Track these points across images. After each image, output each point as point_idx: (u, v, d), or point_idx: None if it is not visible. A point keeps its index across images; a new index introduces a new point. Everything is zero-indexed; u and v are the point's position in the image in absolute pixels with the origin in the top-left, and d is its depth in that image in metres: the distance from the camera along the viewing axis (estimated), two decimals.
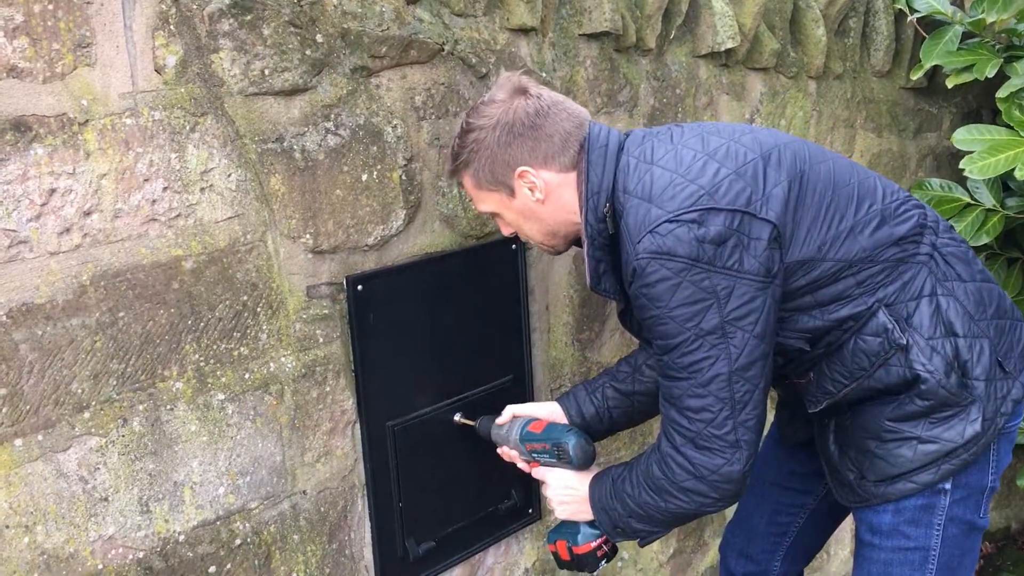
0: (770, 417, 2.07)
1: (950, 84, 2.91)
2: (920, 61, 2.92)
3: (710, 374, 1.53)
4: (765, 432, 2.20)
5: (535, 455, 1.89)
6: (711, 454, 1.57)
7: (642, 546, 1.82)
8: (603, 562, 1.86)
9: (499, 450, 1.98)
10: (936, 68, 3.02)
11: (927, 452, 1.67)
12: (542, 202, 1.69)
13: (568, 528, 1.87)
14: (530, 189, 1.68)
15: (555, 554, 1.90)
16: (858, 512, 1.81)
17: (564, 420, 1.96)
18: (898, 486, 1.71)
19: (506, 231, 1.83)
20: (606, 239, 1.65)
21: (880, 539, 1.77)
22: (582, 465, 1.84)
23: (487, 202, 1.75)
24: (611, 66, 2.24)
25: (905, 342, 1.63)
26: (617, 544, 1.88)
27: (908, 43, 3.02)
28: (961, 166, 2.73)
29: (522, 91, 1.67)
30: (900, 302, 1.65)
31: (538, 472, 1.90)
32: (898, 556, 1.76)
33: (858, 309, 1.64)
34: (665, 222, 1.50)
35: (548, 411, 1.96)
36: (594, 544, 1.83)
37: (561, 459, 1.84)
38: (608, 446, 2.34)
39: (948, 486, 1.70)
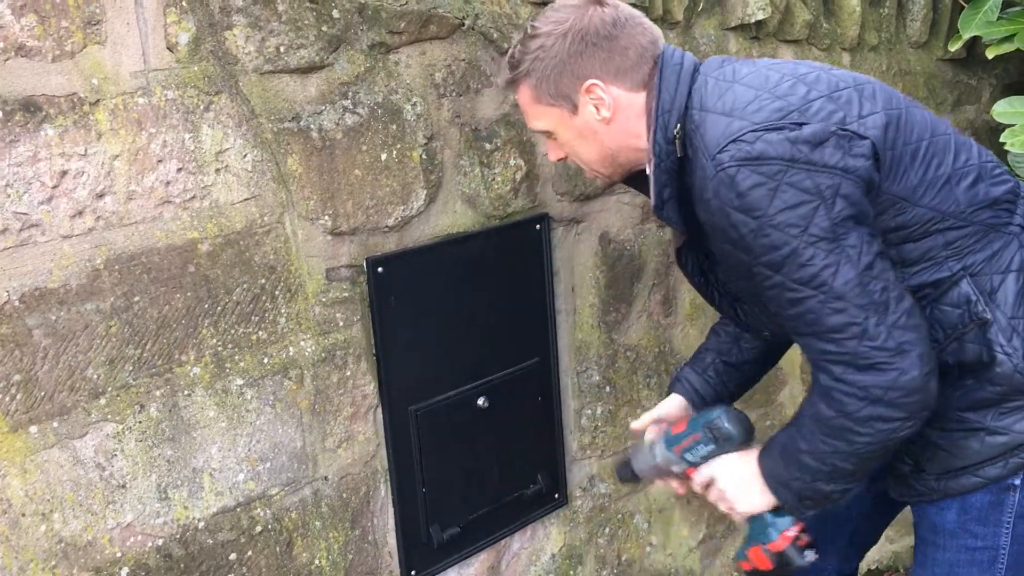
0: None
1: (990, 55, 2.81)
2: (959, 31, 2.82)
3: (839, 281, 1.38)
4: None
5: (687, 455, 1.66)
6: (877, 372, 1.40)
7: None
8: (807, 552, 1.59)
9: (658, 482, 1.76)
10: (975, 38, 2.92)
11: (996, 444, 1.55)
12: (607, 121, 1.55)
13: (754, 530, 1.61)
14: (596, 106, 1.54)
15: (753, 571, 1.62)
16: (917, 509, 1.69)
17: (694, 410, 1.79)
18: (961, 480, 1.59)
19: (555, 155, 1.67)
20: (673, 162, 1.53)
21: (944, 539, 1.65)
22: (743, 437, 1.62)
23: (543, 118, 1.60)
24: None
25: (988, 317, 1.51)
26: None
27: (946, 12, 2.92)
28: (1002, 140, 2.64)
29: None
30: (986, 274, 1.53)
31: (700, 475, 1.66)
32: (965, 556, 1.64)
33: (940, 275, 1.52)
34: (750, 131, 1.38)
35: (668, 407, 1.83)
36: (791, 533, 1.58)
37: (719, 440, 1.62)
38: None
39: (1018, 481, 1.57)
